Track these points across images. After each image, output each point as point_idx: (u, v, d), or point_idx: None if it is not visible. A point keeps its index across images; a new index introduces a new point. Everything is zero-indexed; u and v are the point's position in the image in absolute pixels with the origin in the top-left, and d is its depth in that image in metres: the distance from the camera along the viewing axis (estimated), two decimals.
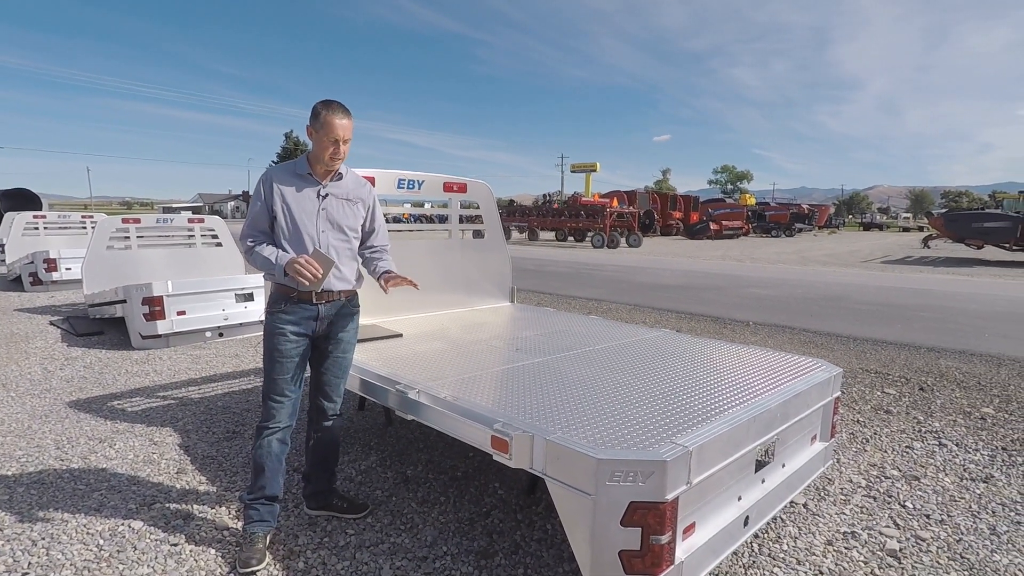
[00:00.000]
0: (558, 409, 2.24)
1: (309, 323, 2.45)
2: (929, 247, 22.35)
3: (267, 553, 2.36)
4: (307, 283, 2.29)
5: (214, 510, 2.75)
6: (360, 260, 2.66)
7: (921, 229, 43.88)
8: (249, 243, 2.43)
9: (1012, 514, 2.82)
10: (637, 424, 2.09)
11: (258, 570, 2.28)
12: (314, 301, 2.42)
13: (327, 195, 2.46)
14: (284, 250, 2.39)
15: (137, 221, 7.82)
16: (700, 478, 1.92)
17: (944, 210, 31.32)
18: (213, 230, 8.52)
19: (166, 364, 5.39)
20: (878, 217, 73.24)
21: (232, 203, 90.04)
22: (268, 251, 2.37)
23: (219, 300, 6.35)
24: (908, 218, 66.41)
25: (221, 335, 6.41)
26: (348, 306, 2.57)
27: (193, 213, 8.59)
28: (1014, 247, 17.35)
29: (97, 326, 6.87)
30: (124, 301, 6.11)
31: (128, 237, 7.67)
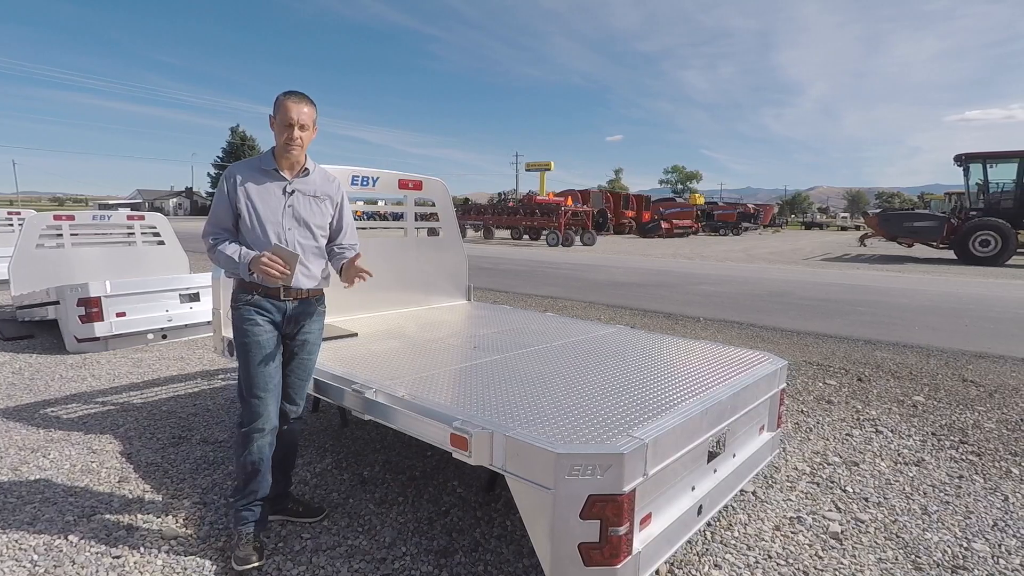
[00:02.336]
0: (516, 406, 2.25)
1: (277, 318, 2.38)
2: (865, 245, 23.53)
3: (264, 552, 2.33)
4: (277, 280, 2.22)
5: (160, 519, 2.63)
6: (327, 258, 2.58)
7: (858, 228, 46.17)
8: (211, 241, 2.34)
9: (941, 495, 3.00)
10: (594, 418, 2.12)
11: (259, 565, 2.25)
12: (282, 297, 2.36)
13: (294, 191, 2.38)
14: (248, 248, 2.31)
15: (71, 218, 7.38)
16: (656, 469, 1.97)
17: (879, 210, 33.07)
18: (155, 227, 8.13)
19: (105, 368, 5.12)
20: (818, 216, 76.64)
21: (174, 200, 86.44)
22: (231, 249, 2.29)
23: (162, 300, 6.08)
24: (846, 217, 69.80)
25: (165, 337, 6.15)
26: (315, 305, 2.51)
27: (132, 210, 8.16)
28: (940, 245, 18.45)
29: (27, 329, 6.47)
30: (57, 303, 5.78)
31: (61, 235, 7.24)
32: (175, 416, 3.95)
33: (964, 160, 18.27)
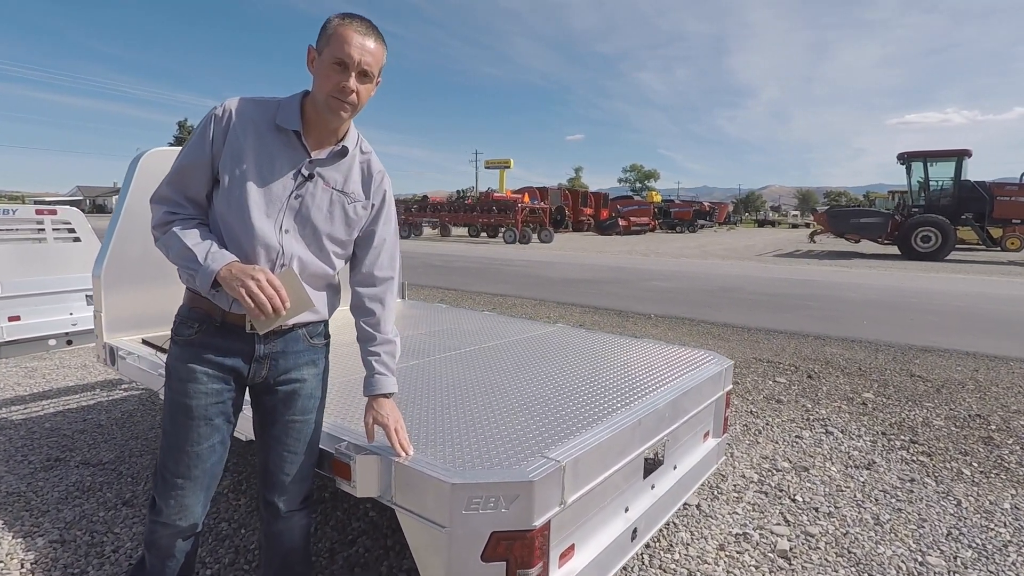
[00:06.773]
0: (421, 421, 1.92)
1: (238, 362, 1.53)
2: (815, 241, 24.14)
3: None
4: (255, 316, 1.38)
5: (2, 564, 2.20)
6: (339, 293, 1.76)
7: (808, 225, 47.66)
8: (166, 214, 1.45)
9: (893, 500, 2.82)
10: (508, 436, 1.80)
11: None
12: (249, 330, 1.51)
13: (312, 175, 1.50)
14: (221, 245, 1.45)
15: None
16: (576, 496, 1.67)
17: (827, 207, 34.18)
18: (69, 223, 7.40)
19: None
20: (771, 215, 79.03)
21: (117, 197, 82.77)
22: (193, 239, 1.41)
23: (66, 302, 5.50)
24: (796, 215, 72.21)
25: (70, 343, 5.55)
26: (305, 340, 1.63)
27: (71, 207, 7.48)
28: (885, 241, 19.02)
29: None
30: None
31: None
32: (57, 433, 3.46)
33: (906, 158, 18.87)
